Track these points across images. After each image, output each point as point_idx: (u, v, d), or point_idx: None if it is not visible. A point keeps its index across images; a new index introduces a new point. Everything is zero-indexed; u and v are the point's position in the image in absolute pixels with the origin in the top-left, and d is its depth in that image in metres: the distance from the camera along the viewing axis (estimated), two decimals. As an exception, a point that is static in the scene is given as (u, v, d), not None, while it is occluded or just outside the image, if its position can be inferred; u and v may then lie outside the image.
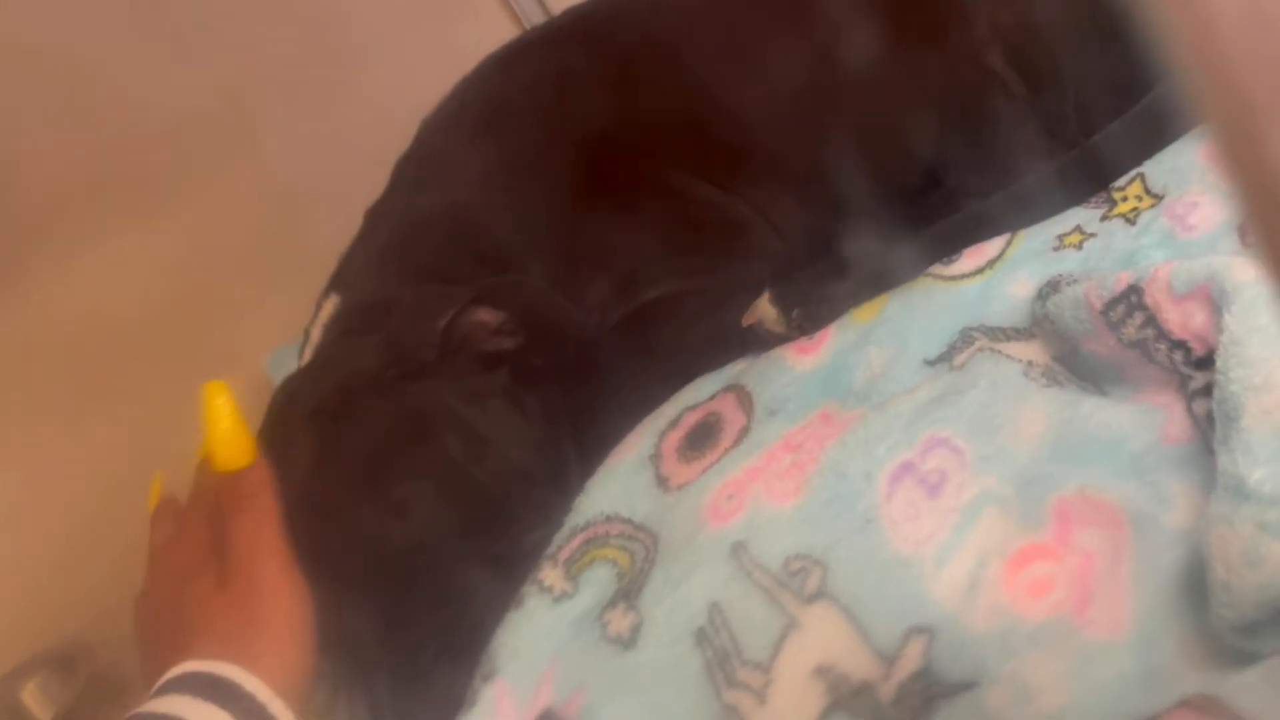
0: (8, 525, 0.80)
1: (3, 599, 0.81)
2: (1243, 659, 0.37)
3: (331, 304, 0.65)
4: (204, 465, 0.58)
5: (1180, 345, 0.44)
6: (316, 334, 0.64)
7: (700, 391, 0.61)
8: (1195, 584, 0.39)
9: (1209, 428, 0.42)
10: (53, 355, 0.78)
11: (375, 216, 0.69)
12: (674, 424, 0.59)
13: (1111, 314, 0.47)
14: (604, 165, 0.65)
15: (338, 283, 0.66)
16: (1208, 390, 0.42)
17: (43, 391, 0.79)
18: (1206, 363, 0.43)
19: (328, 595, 0.52)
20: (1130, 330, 0.46)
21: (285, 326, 0.75)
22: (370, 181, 0.71)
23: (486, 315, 0.59)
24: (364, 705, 0.51)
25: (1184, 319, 0.44)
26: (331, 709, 0.52)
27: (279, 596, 0.50)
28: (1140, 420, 0.45)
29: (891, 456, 0.49)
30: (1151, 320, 0.45)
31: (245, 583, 0.50)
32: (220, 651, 0.48)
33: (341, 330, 0.63)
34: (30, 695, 0.79)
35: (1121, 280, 0.47)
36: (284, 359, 0.78)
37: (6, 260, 0.72)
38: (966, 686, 0.41)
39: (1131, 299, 0.46)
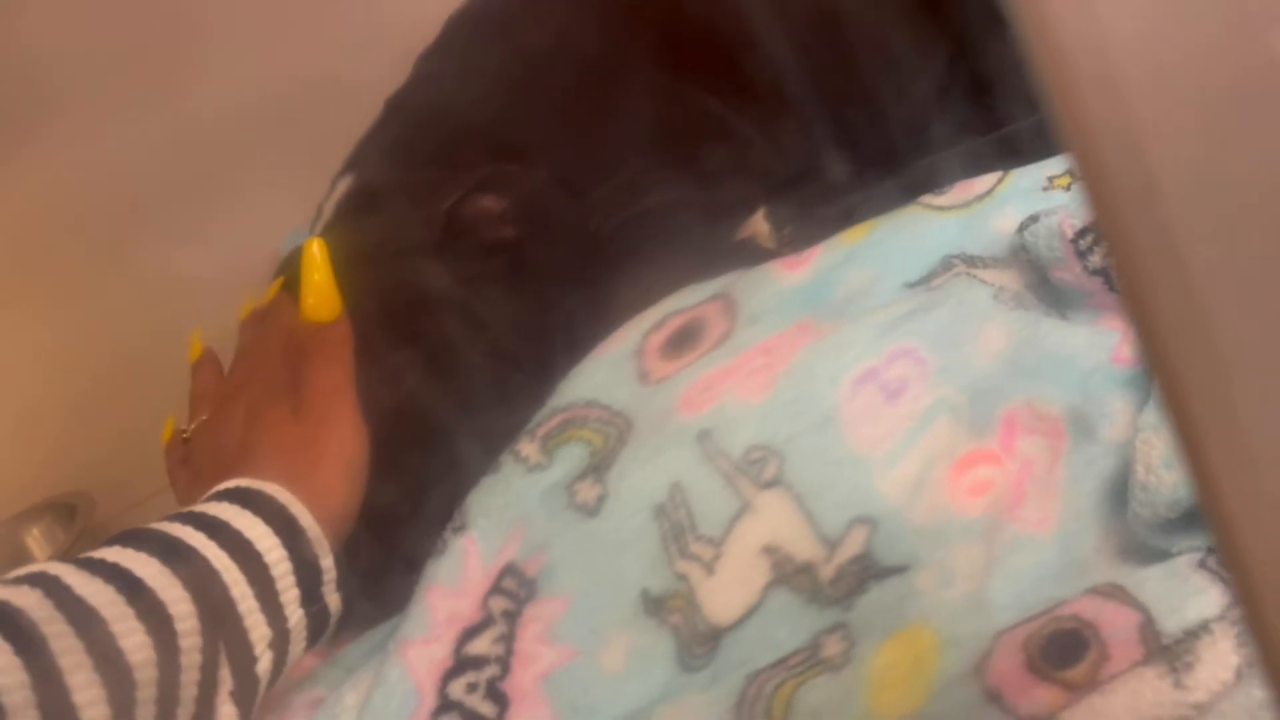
0: (21, 379, 0.83)
1: (14, 448, 0.85)
2: (1152, 557, 0.39)
3: (345, 184, 0.67)
4: (281, 311, 0.60)
5: (1138, 274, 0.46)
6: (328, 211, 0.67)
7: (688, 298, 0.63)
8: (1119, 490, 0.42)
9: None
10: (73, 216, 0.81)
11: (394, 105, 0.71)
12: (659, 325, 0.61)
13: (1081, 242, 0.49)
14: (617, 73, 0.67)
15: (352, 164, 0.69)
16: (1160, 319, 0.44)
17: (60, 251, 0.81)
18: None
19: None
20: (1096, 258, 0.49)
21: (302, 211, 0.77)
22: (394, 73, 0.73)
23: (490, 202, 0.61)
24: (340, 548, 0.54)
25: (1144, 249, 0.46)
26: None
27: (346, 439, 0.53)
28: (1093, 340, 0.47)
29: (858, 362, 0.51)
30: (1115, 250, 0.47)
31: (318, 420, 0.53)
32: (279, 475, 0.50)
33: (351, 208, 0.65)
34: (34, 539, 0.83)
35: (1093, 211, 0.49)
36: (299, 241, 0.81)
37: (28, 120, 0.75)
38: (898, 570, 0.44)
39: (1099, 228, 0.48)
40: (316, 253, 0.58)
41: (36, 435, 0.84)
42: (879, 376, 0.51)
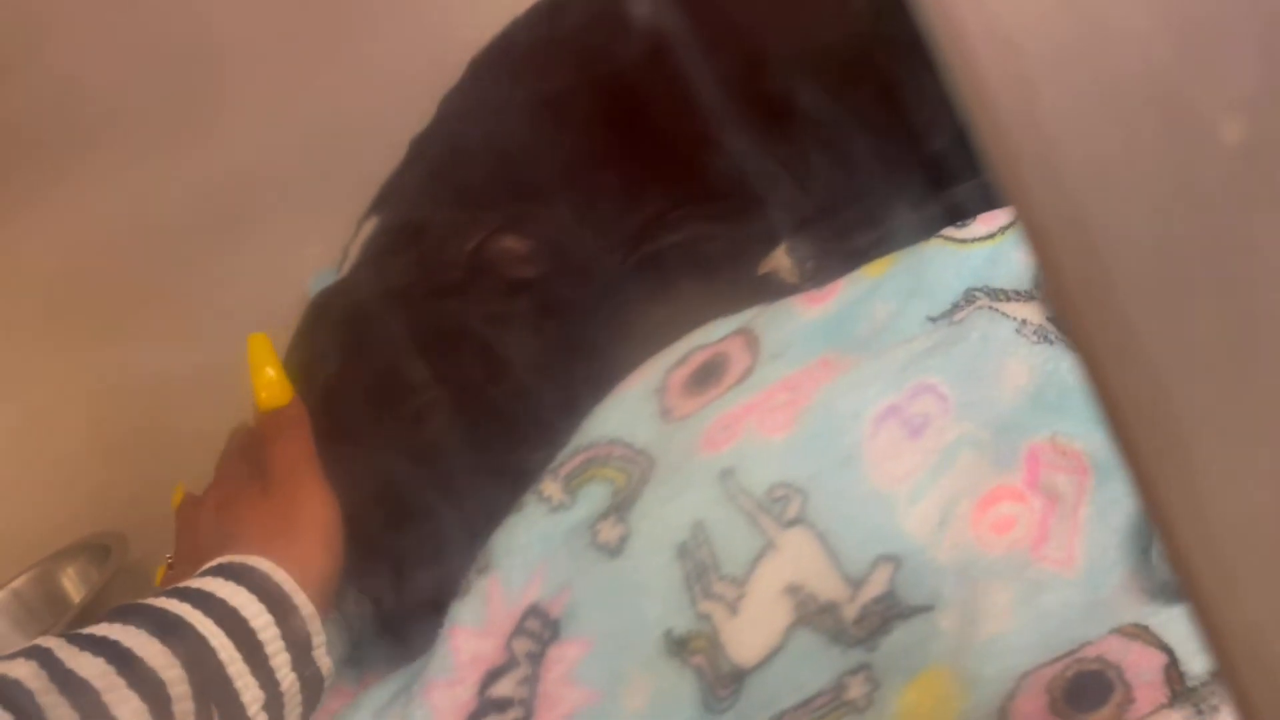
0: (56, 421, 0.85)
1: (51, 489, 0.86)
2: (1177, 596, 0.39)
3: (371, 225, 0.68)
4: (238, 430, 0.64)
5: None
6: (354, 252, 0.68)
7: (711, 334, 0.63)
8: (1144, 528, 0.41)
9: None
10: (104, 260, 0.82)
11: (419, 145, 0.72)
12: (682, 361, 0.61)
13: (1101, 276, 0.49)
14: (638, 112, 0.67)
15: (378, 205, 0.70)
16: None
17: (93, 294, 0.83)
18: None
19: (346, 489, 0.55)
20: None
21: (331, 251, 0.78)
22: (418, 115, 0.74)
23: (513, 242, 0.62)
24: (368, 594, 0.54)
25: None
26: (340, 598, 0.55)
27: (313, 507, 0.55)
28: (1115, 376, 0.47)
29: (880, 399, 0.51)
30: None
31: (287, 494, 0.55)
32: (256, 549, 0.52)
33: (377, 249, 0.66)
34: (69, 579, 0.84)
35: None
36: (328, 282, 0.82)
37: (62, 166, 0.77)
38: (922, 610, 0.44)
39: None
40: (259, 349, 0.61)
41: (72, 476, 0.85)
42: (901, 413, 0.51)
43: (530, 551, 0.52)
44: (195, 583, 0.50)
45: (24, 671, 0.42)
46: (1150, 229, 0.12)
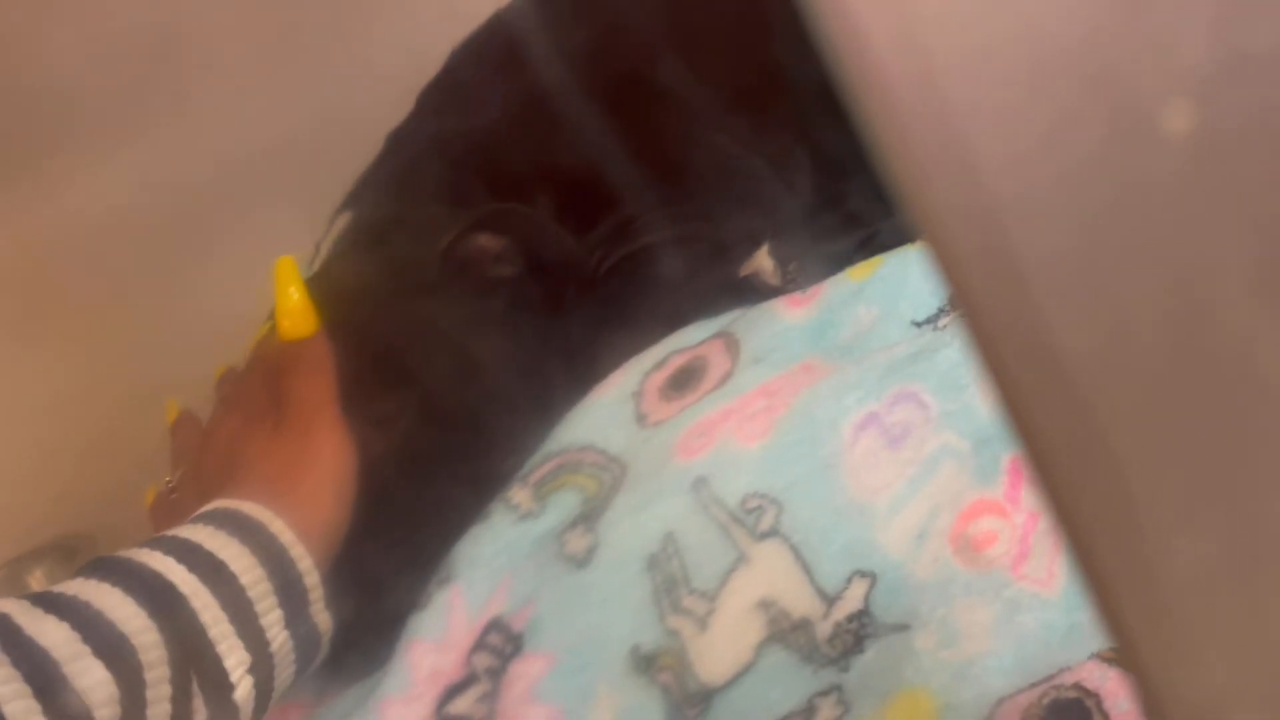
0: (26, 421, 0.83)
1: (16, 491, 0.84)
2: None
3: (344, 220, 0.66)
4: (262, 343, 0.59)
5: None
6: (326, 248, 0.66)
7: (690, 337, 0.61)
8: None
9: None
10: (71, 259, 0.80)
11: (395, 139, 0.70)
12: (660, 365, 0.60)
13: (1089, 281, 0.47)
14: (620, 108, 0.65)
15: (352, 200, 0.68)
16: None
17: (61, 292, 0.81)
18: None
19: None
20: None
21: (303, 248, 0.77)
22: (396, 108, 0.72)
23: (488, 240, 0.60)
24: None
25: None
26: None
27: (329, 451, 0.51)
28: (1102, 386, 0.45)
29: (859, 406, 0.50)
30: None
31: (300, 434, 0.51)
32: (259, 492, 0.49)
33: (349, 245, 0.64)
34: (36, 581, 0.82)
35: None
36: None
37: (35, 163, 0.75)
38: (898, 628, 0.42)
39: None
40: (287, 271, 0.56)
41: (39, 477, 0.83)
42: (880, 421, 0.49)
43: (495, 562, 0.51)
44: (183, 532, 0.46)
45: None
46: (1081, 238, 0.10)
